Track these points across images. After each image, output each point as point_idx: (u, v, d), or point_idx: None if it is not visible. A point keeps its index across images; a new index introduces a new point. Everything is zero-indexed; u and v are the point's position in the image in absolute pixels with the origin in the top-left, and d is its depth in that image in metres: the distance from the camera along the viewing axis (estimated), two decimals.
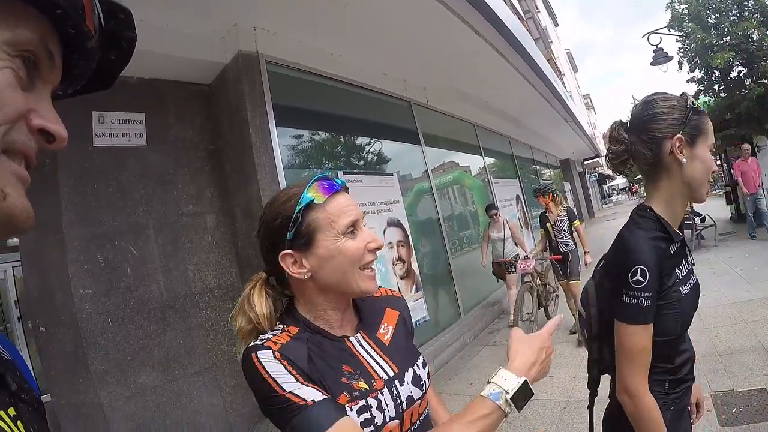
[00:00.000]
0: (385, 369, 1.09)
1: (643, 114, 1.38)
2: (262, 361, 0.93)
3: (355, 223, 1.07)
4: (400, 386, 1.08)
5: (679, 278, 1.32)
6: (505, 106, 10.69)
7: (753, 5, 10.44)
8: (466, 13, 5.39)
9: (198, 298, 4.02)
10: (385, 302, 1.27)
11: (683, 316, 1.32)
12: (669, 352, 1.36)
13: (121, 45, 0.54)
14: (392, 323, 1.22)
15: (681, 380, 1.39)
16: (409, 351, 1.20)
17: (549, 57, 21.16)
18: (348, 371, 1.03)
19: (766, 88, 10.08)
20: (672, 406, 1.37)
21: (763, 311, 5.22)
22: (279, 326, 1.06)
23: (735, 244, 9.93)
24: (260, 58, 4.39)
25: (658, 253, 1.28)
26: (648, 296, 1.25)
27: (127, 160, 3.82)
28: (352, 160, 6.11)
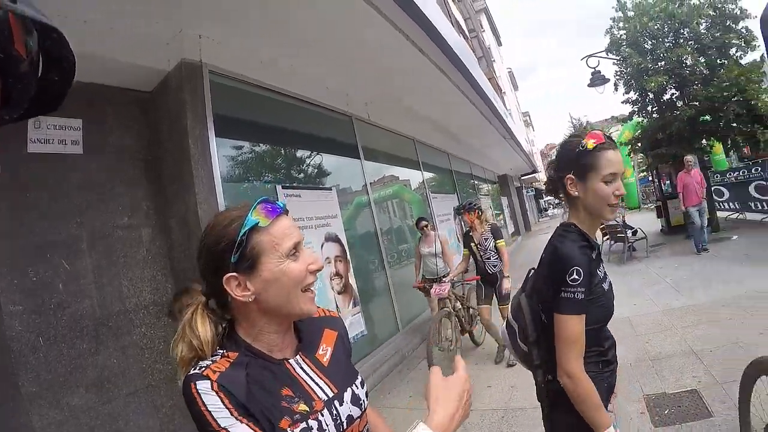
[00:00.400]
0: (324, 390, 1.13)
1: (555, 155, 1.84)
2: (200, 392, 0.95)
3: (297, 245, 1.10)
4: (340, 406, 1.12)
5: (600, 277, 1.69)
6: (446, 122, 11.02)
7: (688, 33, 11.31)
8: (410, 31, 5.57)
9: (133, 315, 3.92)
10: (323, 323, 1.31)
11: (607, 306, 1.70)
12: (599, 338, 1.73)
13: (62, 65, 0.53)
14: (330, 344, 1.26)
15: (609, 361, 1.75)
16: (347, 371, 1.24)
17: (491, 75, 21.90)
18: (288, 395, 1.06)
19: (696, 110, 10.94)
20: (605, 383, 1.71)
21: (692, 317, 5.70)
22: (219, 352, 1.07)
23: (665, 255, 10.72)
24: (203, 67, 4.40)
25: (588, 257, 1.63)
26: (582, 291, 1.58)
27: (61, 168, 3.70)
28: (292, 173, 6.14)
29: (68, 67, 0.53)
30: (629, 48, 11.69)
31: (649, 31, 11.43)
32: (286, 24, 4.59)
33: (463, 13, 26.35)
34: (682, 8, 11.20)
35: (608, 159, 1.63)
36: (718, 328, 5.06)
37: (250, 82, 5.16)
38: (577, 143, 1.69)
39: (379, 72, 6.64)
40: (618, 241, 11.65)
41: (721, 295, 6.25)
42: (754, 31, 10.65)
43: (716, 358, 4.37)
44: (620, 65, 12.50)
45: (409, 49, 6.03)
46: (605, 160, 1.63)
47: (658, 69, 11.11)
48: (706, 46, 10.96)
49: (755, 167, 12.52)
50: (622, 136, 18.35)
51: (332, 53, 5.56)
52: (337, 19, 4.80)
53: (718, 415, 3.41)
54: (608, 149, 1.64)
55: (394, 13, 5.02)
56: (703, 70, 10.78)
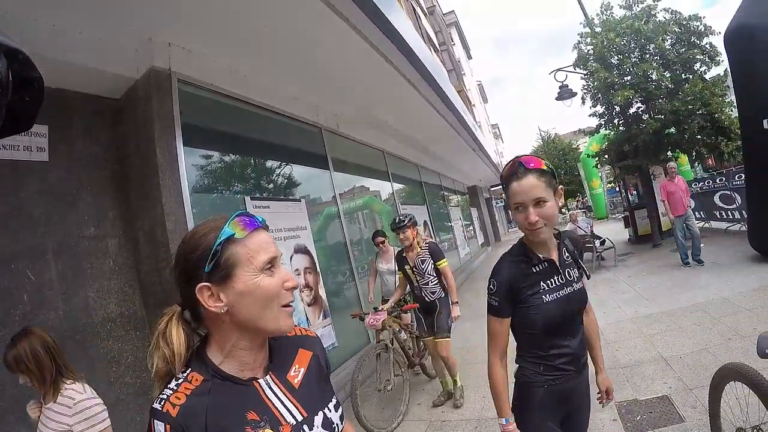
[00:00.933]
0: (293, 413, 1.12)
1: None
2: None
3: (273, 260, 1.11)
4: (310, 430, 1.12)
5: (544, 288, 1.86)
6: (416, 134, 11.21)
7: (653, 49, 11.67)
8: (381, 44, 5.72)
9: (99, 328, 3.88)
10: (298, 342, 1.30)
11: (544, 317, 1.84)
12: (540, 343, 1.91)
13: (32, 85, 0.55)
14: (304, 365, 1.25)
15: (556, 368, 1.91)
16: (320, 393, 1.24)
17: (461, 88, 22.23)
18: (253, 419, 1.05)
19: (661, 123, 11.35)
20: (546, 385, 1.91)
21: (661, 324, 5.90)
22: (184, 373, 1.07)
23: (633, 263, 11.03)
24: (172, 75, 4.43)
25: (513, 271, 1.88)
26: (496, 299, 1.89)
27: (26, 175, 3.66)
28: (261, 184, 6.17)
29: (38, 86, 0.56)
30: (596, 63, 12.02)
31: (616, 47, 11.77)
32: (256, 35, 4.68)
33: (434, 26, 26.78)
34: (648, 25, 11.60)
35: (512, 191, 1.79)
36: (687, 335, 5.24)
37: (219, 92, 5.19)
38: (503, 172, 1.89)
39: (349, 84, 6.78)
40: (587, 250, 11.90)
41: (688, 303, 6.47)
42: (718, 47, 11.03)
43: (686, 364, 4.52)
44: (587, 79, 12.85)
45: (379, 62, 6.17)
46: (510, 192, 1.81)
47: (625, 83, 11.45)
48: (672, 61, 11.36)
49: (720, 177, 12.98)
50: (590, 148, 18.81)
51: (302, 65, 5.66)
52: (307, 30, 4.91)
53: (690, 420, 3.53)
54: (512, 182, 1.79)
55: (364, 26, 5.16)
56: (668, 84, 11.15)
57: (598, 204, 29.42)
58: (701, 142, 11.65)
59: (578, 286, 1.93)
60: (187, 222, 4.19)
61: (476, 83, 45.55)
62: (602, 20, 12.88)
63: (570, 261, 1.96)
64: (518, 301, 1.87)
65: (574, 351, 1.92)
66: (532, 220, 1.73)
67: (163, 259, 4.02)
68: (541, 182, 1.74)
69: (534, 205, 1.73)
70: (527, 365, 1.97)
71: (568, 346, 1.91)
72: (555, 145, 44.52)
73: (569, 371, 1.91)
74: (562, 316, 1.86)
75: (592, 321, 2.20)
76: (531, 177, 1.74)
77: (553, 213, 1.76)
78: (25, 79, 0.54)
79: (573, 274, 1.93)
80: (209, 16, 4.17)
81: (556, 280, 1.88)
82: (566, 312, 1.88)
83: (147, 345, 3.56)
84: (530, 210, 1.73)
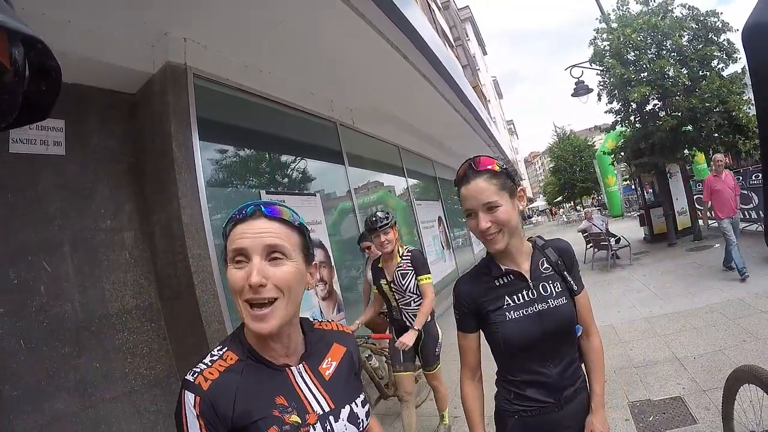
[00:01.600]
0: (321, 403, 1.14)
1: None
2: (186, 405, 1.00)
3: (243, 251, 1.07)
4: (335, 422, 1.13)
5: (508, 304, 1.65)
6: (430, 130, 11.16)
7: (670, 45, 11.49)
8: (397, 39, 5.68)
9: (115, 320, 3.90)
10: (334, 337, 1.32)
11: (506, 337, 1.63)
12: (510, 366, 1.72)
13: (50, 75, 0.54)
14: (336, 359, 1.26)
15: (527, 398, 1.68)
16: (349, 388, 1.25)
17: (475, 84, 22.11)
18: (281, 404, 1.07)
19: (678, 120, 11.15)
20: (517, 416, 1.70)
21: (675, 325, 5.82)
22: (218, 351, 1.12)
23: (648, 262, 10.89)
24: (188, 70, 4.42)
25: (473, 284, 1.73)
26: (458, 312, 1.75)
27: (43, 169, 3.69)
28: (276, 178, 6.17)
29: (55, 76, 0.55)
30: (612, 59, 11.85)
31: (632, 43, 11.58)
32: (272, 30, 4.66)
33: (449, 21, 26.67)
34: (665, 21, 11.42)
35: (462, 196, 1.64)
36: (701, 336, 5.17)
37: (235, 87, 5.18)
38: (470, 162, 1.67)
39: (365, 79, 6.75)
40: (601, 249, 11.81)
41: (704, 303, 6.39)
42: (736, 43, 10.88)
43: (700, 365, 4.46)
44: (603, 76, 12.69)
45: (394, 58, 6.14)
46: (461, 198, 1.64)
47: (641, 80, 11.28)
48: (689, 57, 11.16)
49: (737, 176, 12.77)
50: (605, 145, 18.62)
51: (317, 60, 5.64)
52: (323, 26, 4.89)
53: (703, 421, 3.48)
54: (462, 185, 1.63)
55: (380, 22, 5.13)
56: (685, 81, 10.95)
57: (613, 202, 29.09)
58: (718, 140, 11.45)
59: (558, 302, 1.65)
60: (202, 216, 4.19)
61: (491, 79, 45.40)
62: (618, 16, 12.68)
63: (550, 273, 1.71)
64: (482, 317, 1.69)
65: (553, 380, 1.65)
66: (483, 226, 1.56)
67: (179, 252, 4.03)
68: (492, 185, 1.56)
69: (485, 210, 1.56)
70: (501, 390, 1.78)
71: (543, 373, 1.65)
72: (570, 141, 44.11)
73: (546, 403, 1.66)
74: (531, 336, 1.61)
75: (594, 349, 1.83)
76: (480, 180, 1.57)
77: (508, 218, 1.57)
78: (43, 69, 0.53)
79: (551, 288, 1.67)
80: (225, 11, 4.16)
81: (524, 295, 1.65)
82: (537, 332, 1.61)
83: (162, 337, 3.64)
84: (480, 216, 1.57)
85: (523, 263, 1.70)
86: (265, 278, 1.06)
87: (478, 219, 1.58)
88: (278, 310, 1.08)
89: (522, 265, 1.69)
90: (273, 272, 1.07)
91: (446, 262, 12.48)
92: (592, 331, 1.82)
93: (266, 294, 1.06)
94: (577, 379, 1.73)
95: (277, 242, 1.09)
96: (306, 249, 1.19)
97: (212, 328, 3.93)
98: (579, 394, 1.73)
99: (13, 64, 0.48)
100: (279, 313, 1.08)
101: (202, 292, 3.96)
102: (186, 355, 4.16)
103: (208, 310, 3.95)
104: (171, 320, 4.26)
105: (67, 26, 3.49)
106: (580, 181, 41.15)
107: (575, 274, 1.76)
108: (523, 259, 1.70)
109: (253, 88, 5.45)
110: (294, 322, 1.19)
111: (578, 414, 1.73)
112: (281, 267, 1.09)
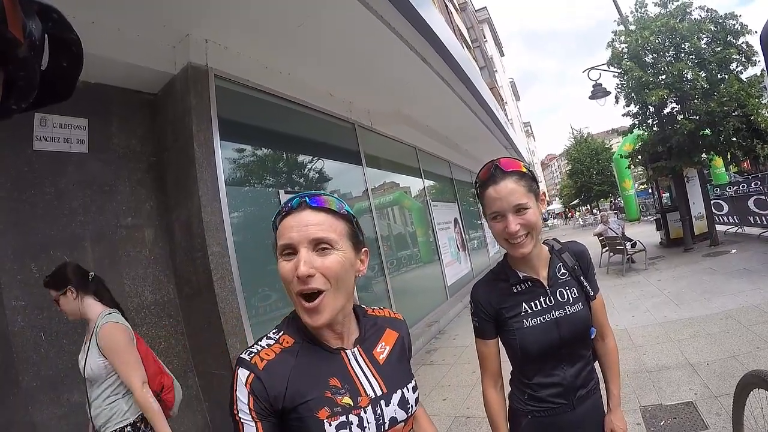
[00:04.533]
0: (374, 387, 1.13)
1: None
2: (239, 381, 1.00)
3: (291, 246, 1.07)
4: (386, 406, 1.12)
5: (525, 311, 1.60)
6: (448, 131, 11.13)
7: (688, 48, 11.19)
8: (415, 42, 5.66)
9: (134, 314, 3.91)
10: (387, 322, 1.32)
11: (524, 343, 1.59)
12: (524, 370, 1.68)
13: (70, 50, 0.52)
14: (390, 343, 1.26)
15: (543, 400, 1.65)
16: (401, 373, 1.24)
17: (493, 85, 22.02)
18: (335, 386, 1.07)
19: (696, 124, 10.86)
20: (530, 416, 1.66)
21: (689, 330, 5.67)
22: (275, 335, 1.12)
23: (664, 267, 10.63)
24: (210, 71, 4.43)
25: (490, 291, 1.67)
26: (476, 320, 1.69)
27: (66, 166, 3.73)
28: (294, 178, 6.18)
29: (76, 50, 0.52)
30: (630, 61, 11.65)
31: (650, 45, 11.36)
32: (292, 32, 4.66)
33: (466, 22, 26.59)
34: (683, 23, 11.18)
35: (488, 197, 1.55)
36: (716, 342, 5.05)
37: (254, 87, 5.19)
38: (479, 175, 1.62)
39: (383, 81, 6.73)
40: (617, 253, 11.66)
41: (719, 309, 6.22)
42: (755, 46, 10.65)
43: (713, 371, 4.36)
44: (621, 78, 12.49)
45: (412, 60, 6.11)
46: (486, 199, 1.56)
47: (659, 83, 11.04)
48: (707, 60, 10.89)
49: (755, 181, 12.54)
50: (623, 149, 18.39)
51: (337, 62, 5.64)
52: (342, 28, 4.88)
53: (714, 427, 3.40)
54: (488, 187, 1.54)
55: (399, 24, 5.12)
56: (703, 84, 10.70)
57: (629, 205, 28.78)
58: (736, 145, 11.19)
59: (574, 309, 1.62)
60: (222, 214, 4.20)
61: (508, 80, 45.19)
62: (636, 18, 12.44)
63: (566, 279, 1.66)
64: (500, 323, 1.65)
65: (568, 382, 1.63)
66: (513, 229, 1.48)
67: (198, 249, 4.05)
68: (521, 186, 1.50)
69: (514, 212, 1.49)
70: (515, 391, 1.74)
71: (558, 375, 1.63)
72: (588, 144, 43.68)
73: (558, 404, 1.63)
74: (548, 343, 1.58)
75: (610, 351, 1.81)
76: (509, 181, 1.50)
77: (536, 220, 1.52)
78: (62, 42, 0.50)
79: (568, 294, 1.63)
80: (246, 13, 4.17)
81: (542, 302, 1.61)
82: (554, 339, 1.58)
83: (180, 332, 3.64)
84: (510, 218, 1.49)
85: (541, 270, 1.65)
86: (313, 269, 1.05)
87: (507, 221, 1.50)
88: (327, 303, 1.07)
89: (540, 272, 1.65)
90: (321, 262, 1.07)
91: (462, 264, 12.42)
92: (607, 333, 1.80)
93: (314, 284, 1.06)
94: (590, 381, 1.69)
95: (322, 235, 1.08)
96: (354, 237, 1.17)
97: (230, 324, 3.93)
98: (592, 395, 1.69)
99: (28, 37, 0.45)
100: (328, 305, 1.07)
101: (220, 288, 3.96)
102: (202, 351, 4.17)
103: (227, 307, 3.95)
104: (189, 316, 4.28)
105: (91, 27, 3.50)
106: (597, 184, 40.74)
107: (591, 277, 1.72)
108: (541, 266, 1.65)
109: (272, 89, 5.46)
110: (347, 311, 1.18)
111: (591, 414, 1.70)
112: (328, 257, 1.08)
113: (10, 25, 0.41)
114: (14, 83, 0.46)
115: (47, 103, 0.52)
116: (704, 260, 9.96)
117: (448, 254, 11.39)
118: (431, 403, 5.12)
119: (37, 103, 0.51)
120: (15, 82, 0.46)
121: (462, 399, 4.95)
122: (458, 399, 5.00)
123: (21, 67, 0.45)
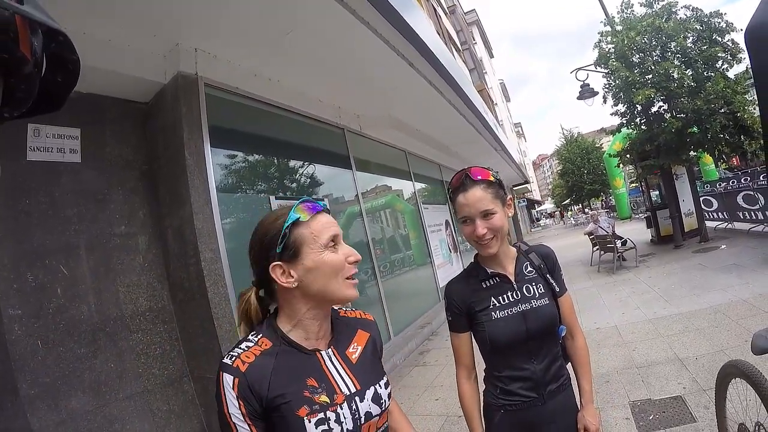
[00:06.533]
0: (348, 385, 1.21)
1: None
2: (225, 385, 1.08)
3: (336, 237, 1.23)
4: (360, 402, 1.20)
5: (494, 305, 1.74)
6: (437, 135, 11.19)
7: (674, 47, 11.34)
8: (402, 47, 5.73)
9: (129, 321, 3.98)
10: (358, 323, 1.42)
11: (493, 335, 1.72)
12: (496, 363, 1.80)
13: (67, 67, 0.54)
14: (362, 343, 1.35)
15: (514, 393, 1.75)
16: (373, 371, 1.32)
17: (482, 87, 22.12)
18: (312, 385, 1.15)
19: (683, 122, 11.02)
20: (503, 410, 1.77)
21: (678, 326, 5.79)
22: (254, 337, 1.20)
23: (654, 264, 10.79)
24: (199, 80, 4.50)
25: (462, 286, 1.82)
26: (449, 314, 1.84)
27: (60, 176, 3.79)
28: (285, 184, 6.23)
29: (73, 68, 0.55)
30: (617, 62, 11.77)
31: (637, 45, 11.48)
32: (280, 40, 4.73)
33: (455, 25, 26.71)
34: (669, 23, 11.28)
35: (459, 204, 1.71)
36: (704, 336, 5.15)
37: (244, 95, 5.26)
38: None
39: (371, 86, 6.81)
40: (608, 251, 11.77)
41: (708, 304, 6.34)
42: (740, 44, 10.73)
43: (701, 365, 4.45)
44: (608, 78, 12.62)
45: (400, 65, 6.19)
46: (457, 205, 1.72)
47: (646, 82, 11.16)
48: (693, 59, 11.01)
49: (744, 177, 12.69)
50: (612, 147, 18.50)
51: (325, 68, 5.71)
52: (330, 35, 4.95)
53: (702, 420, 3.49)
54: (458, 194, 1.70)
55: (386, 30, 5.19)
56: (690, 82, 10.81)
57: (620, 204, 28.97)
58: (724, 141, 11.33)
59: (540, 303, 1.74)
60: (214, 220, 4.26)
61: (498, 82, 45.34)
62: (622, 18, 12.60)
63: (533, 276, 1.80)
64: (471, 317, 1.78)
65: (537, 376, 1.73)
66: (480, 233, 1.64)
67: (191, 255, 4.10)
68: (488, 194, 1.65)
69: (482, 217, 1.65)
70: (488, 386, 1.86)
71: (528, 369, 1.73)
72: (578, 143, 43.88)
73: (529, 398, 1.73)
74: (515, 335, 1.70)
75: (579, 348, 1.91)
76: (477, 189, 1.66)
77: (502, 225, 1.67)
78: (61, 61, 0.54)
79: (534, 290, 1.76)
80: (234, 22, 4.24)
81: (509, 296, 1.74)
82: (521, 331, 1.70)
83: (174, 338, 3.71)
84: (477, 222, 1.65)
85: (509, 266, 1.79)
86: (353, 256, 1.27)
87: (474, 225, 1.66)
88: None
89: (507, 268, 1.79)
90: (349, 249, 1.27)
91: (453, 266, 12.48)
92: (576, 332, 1.91)
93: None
94: (561, 377, 1.79)
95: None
96: None
97: (224, 329, 3.98)
98: (563, 391, 1.79)
99: (33, 55, 0.48)
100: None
101: (213, 294, 4.02)
102: (197, 356, 4.22)
103: (220, 312, 4.01)
104: (183, 322, 4.33)
105: (82, 38, 3.56)
106: (588, 183, 40.95)
107: (557, 276, 1.85)
108: (509, 263, 1.80)
109: (262, 96, 5.53)
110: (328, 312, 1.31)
111: (563, 410, 1.79)
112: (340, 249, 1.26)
113: (21, 44, 0.45)
114: (13, 94, 0.49)
115: (39, 112, 0.55)
116: (694, 256, 10.11)
117: (439, 256, 11.48)
118: (424, 403, 5.21)
119: (29, 112, 0.54)
120: (14, 93, 0.49)
121: (454, 398, 4.95)
122: (450, 399, 5.06)
123: (23, 81, 0.49)
